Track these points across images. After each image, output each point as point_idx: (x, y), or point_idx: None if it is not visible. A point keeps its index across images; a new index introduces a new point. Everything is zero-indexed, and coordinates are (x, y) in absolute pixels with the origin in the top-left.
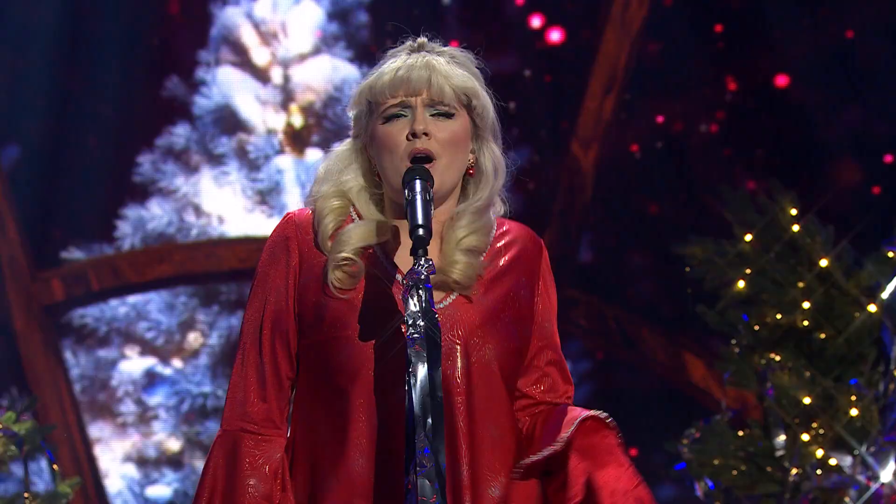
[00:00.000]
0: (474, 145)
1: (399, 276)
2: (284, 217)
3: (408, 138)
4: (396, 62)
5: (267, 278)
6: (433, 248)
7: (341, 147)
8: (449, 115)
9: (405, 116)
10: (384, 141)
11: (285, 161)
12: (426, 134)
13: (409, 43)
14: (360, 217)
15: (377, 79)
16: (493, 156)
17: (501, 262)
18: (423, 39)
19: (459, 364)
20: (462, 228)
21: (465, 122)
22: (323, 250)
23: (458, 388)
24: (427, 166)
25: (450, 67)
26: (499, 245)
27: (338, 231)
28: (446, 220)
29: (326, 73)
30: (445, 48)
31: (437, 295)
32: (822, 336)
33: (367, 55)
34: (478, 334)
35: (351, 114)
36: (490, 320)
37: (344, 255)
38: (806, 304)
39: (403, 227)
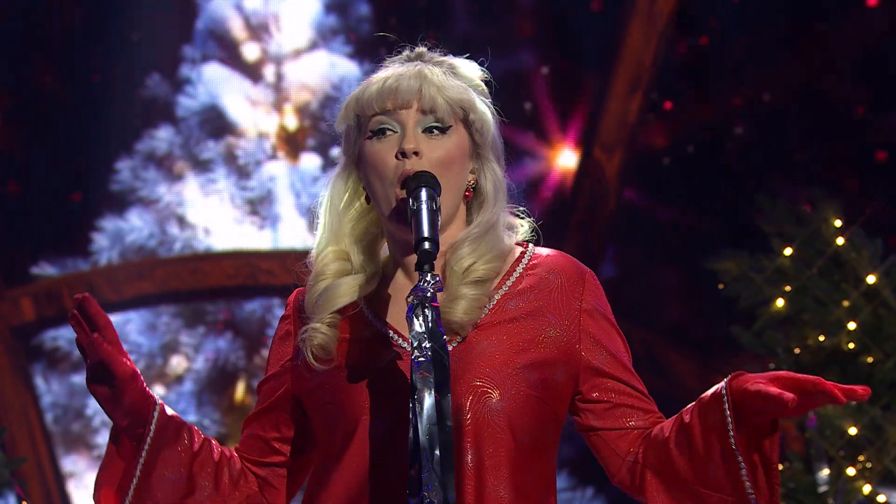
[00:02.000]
0: (475, 164)
1: (391, 332)
2: (291, 294)
3: (397, 157)
4: (387, 72)
5: (271, 354)
6: None
7: (335, 173)
8: (443, 130)
9: (394, 132)
10: (372, 161)
11: (278, 167)
12: (416, 153)
13: (406, 52)
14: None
15: (364, 89)
16: (494, 176)
17: (521, 301)
18: (422, 49)
19: (466, 417)
20: (466, 258)
21: (462, 138)
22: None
23: (464, 442)
24: None
25: (444, 77)
26: (522, 279)
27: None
28: (447, 251)
29: (323, 70)
30: (446, 57)
31: None
32: (870, 360)
33: (367, 50)
34: (483, 382)
35: (339, 129)
36: (499, 367)
37: (310, 326)
38: (851, 325)
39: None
